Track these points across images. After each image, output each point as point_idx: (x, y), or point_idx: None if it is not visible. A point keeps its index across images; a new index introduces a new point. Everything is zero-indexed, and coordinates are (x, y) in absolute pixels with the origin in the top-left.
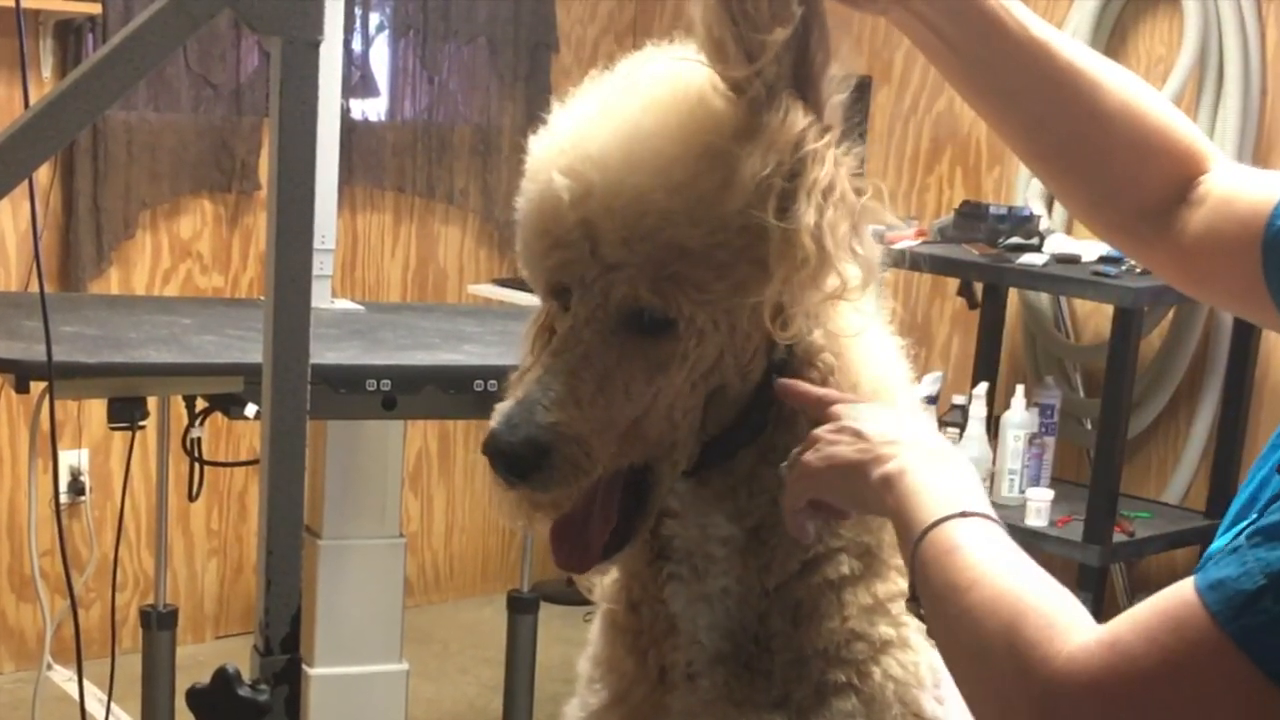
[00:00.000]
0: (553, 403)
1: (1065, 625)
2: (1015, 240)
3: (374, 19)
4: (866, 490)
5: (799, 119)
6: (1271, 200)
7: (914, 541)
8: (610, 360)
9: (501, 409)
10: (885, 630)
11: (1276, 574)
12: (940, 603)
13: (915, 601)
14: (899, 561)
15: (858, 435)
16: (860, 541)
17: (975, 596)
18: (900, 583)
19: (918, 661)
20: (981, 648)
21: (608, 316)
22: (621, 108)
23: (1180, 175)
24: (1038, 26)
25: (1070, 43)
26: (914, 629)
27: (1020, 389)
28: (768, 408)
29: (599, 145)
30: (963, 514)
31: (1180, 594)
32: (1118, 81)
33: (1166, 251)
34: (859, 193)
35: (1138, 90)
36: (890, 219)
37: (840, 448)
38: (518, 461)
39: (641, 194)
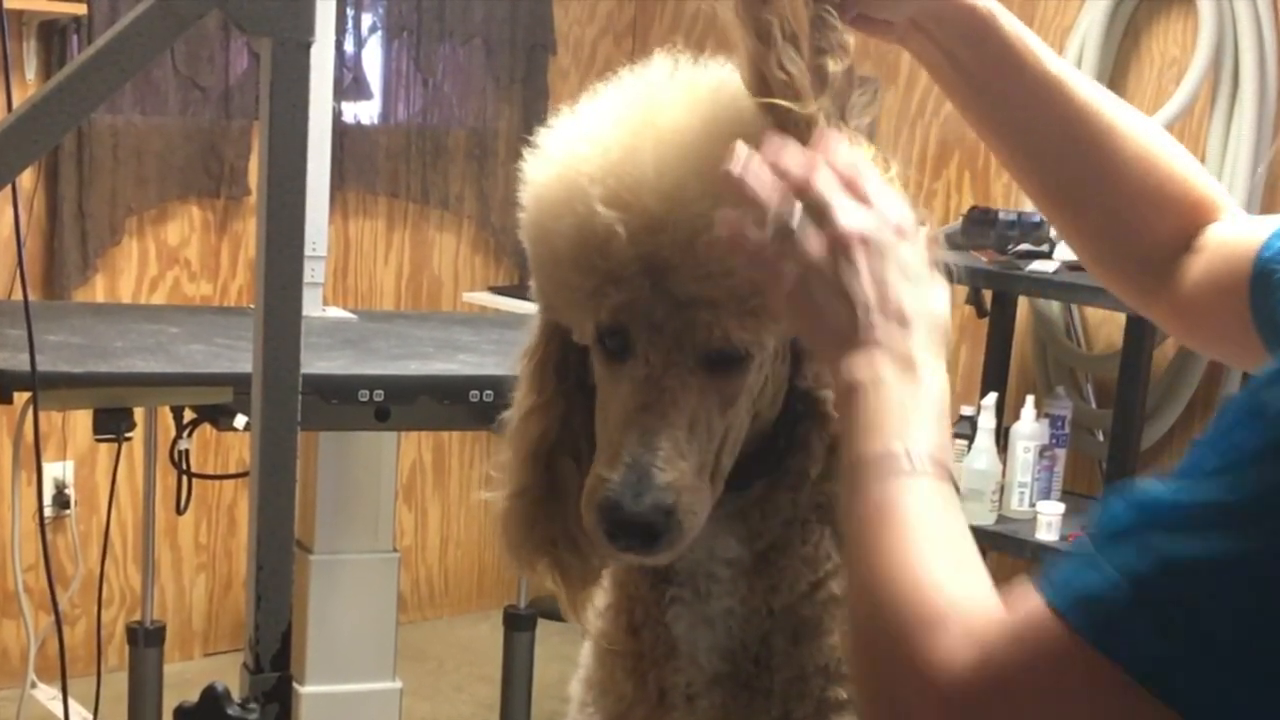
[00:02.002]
0: (664, 461)
1: (959, 621)
2: (1025, 247)
3: (367, 19)
4: (836, 351)
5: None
6: (1263, 238)
7: (853, 464)
8: (693, 401)
9: (607, 475)
10: None
11: (1136, 575)
12: (855, 561)
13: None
14: None
15: (879, 284)
16: None
17: (883, 574)
18: None
19: None
20: (877, 624)
21: (685, 359)
22: (669, 125)
23: (1191, 225)
24: (1055, 63)
25: (1087, 82)
26: None
27: (1030, 400)
28: (791, 431)
29: (655, 170)
30: (907, 453)
31: (1032, 606)
32: (1135, 126)
33: (1169, 302)
34: (920, 222)
35: (1155, 136)
36: (945, 254)
37: (834, 297)
38: (649, 529)
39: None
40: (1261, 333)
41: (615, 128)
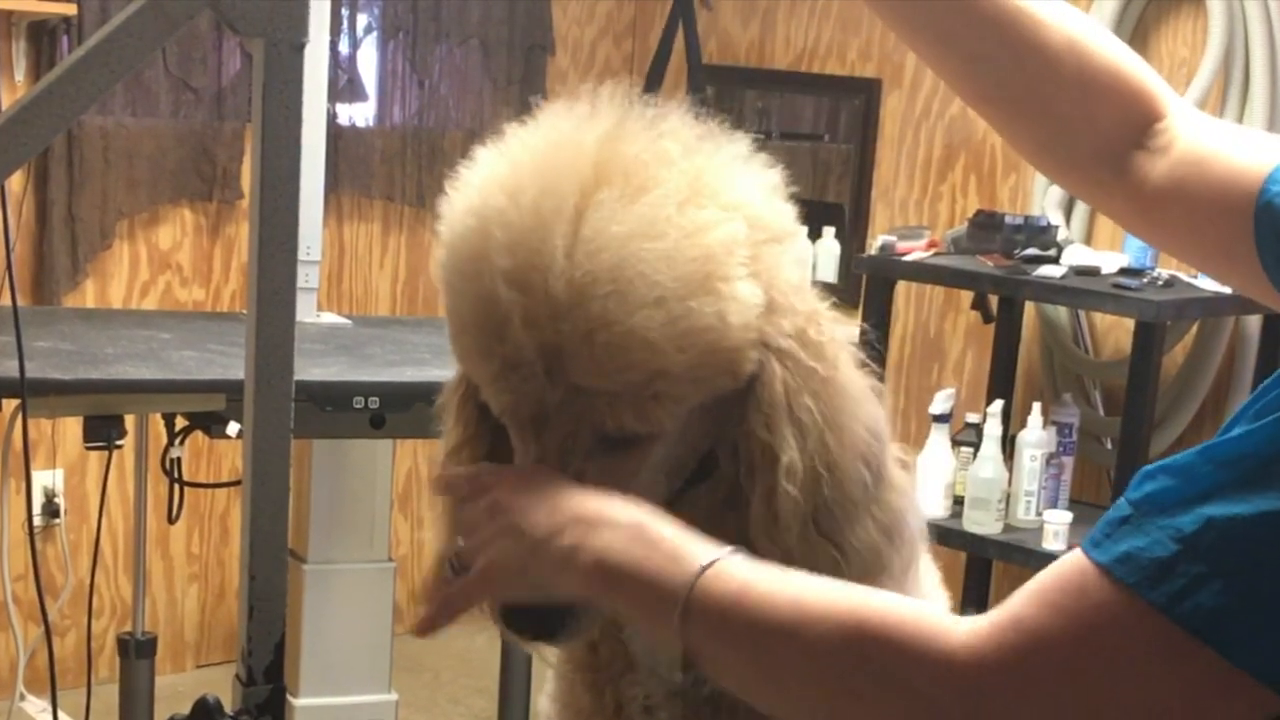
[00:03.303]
0: None
1: (932, 621)
2: (1032, 251)
3: (362, 20)
4: (568, 581)
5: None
6: (1251, 168)
7: (679, 604)
8: (589, 483)
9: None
10: None
11: (1185, 538)
12: (766, 654)
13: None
14: None
15: (517, 532)
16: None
17: (813, 633)
18: None
19: None
20: (853, 682)
21: (580, 444)
22: (582, 195)
23: (1135, 116)
24: None
25: None
26: None
27: (1037, 407)
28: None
29: (563, 250)
30: (713, 562)
31: (1076, 567)
32: (1063, 18)
33: (1125, 198)
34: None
35: (1084, 28)
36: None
37: (503, 550)
38: (546, 626)
39: (631, 328)
40: (1270, 272)
41: (525, 189)
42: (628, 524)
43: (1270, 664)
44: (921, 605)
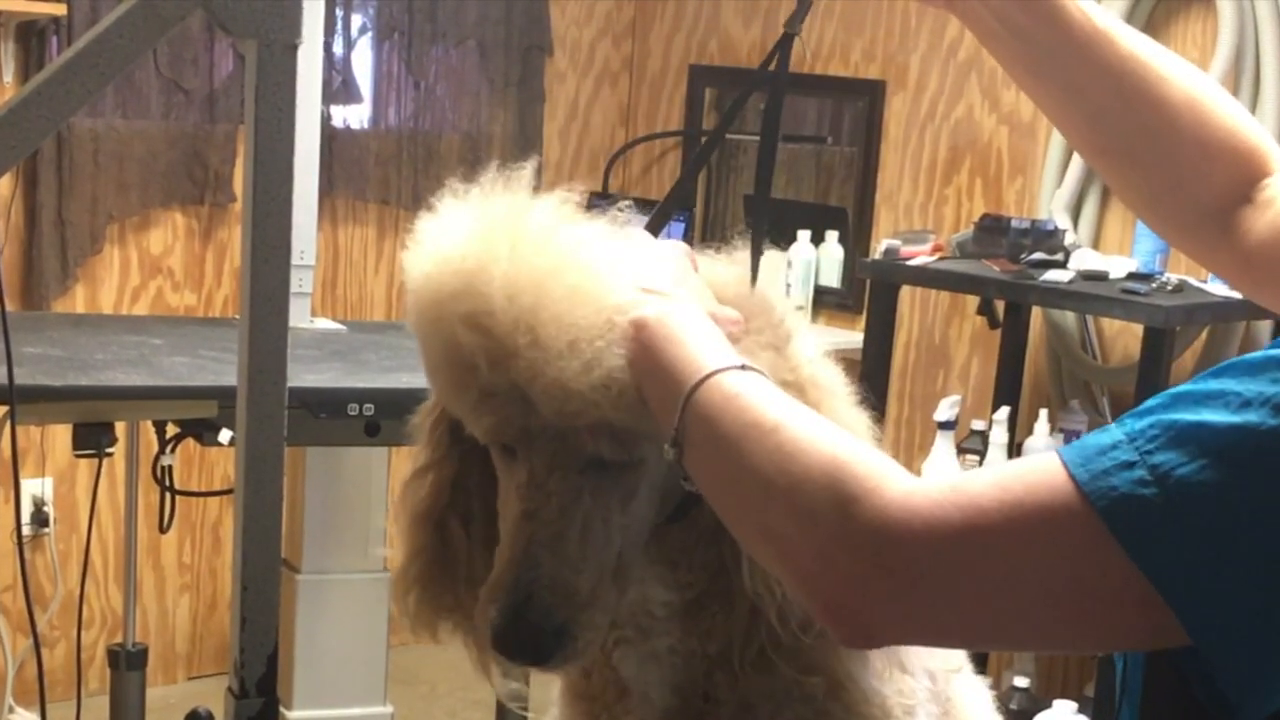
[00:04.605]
0: (551, 578)
1: (893, 469)
2: (1039, 256)
3: (356, 20)
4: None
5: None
6: None
7: (688, 389)
8: (585, 504)
9: (494, 596)
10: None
11: (1133, 433)
12: (736, 444)
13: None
14: None
15: None
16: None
17: (784, 436)
18: None
19: (885, 696)
20: (794, 488)
21: (571, 462)
22: (513, 235)
23: (1246, 174)
24: (1102, 17)
25: (1135, 34)
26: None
27: (1044, 414)
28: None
29: (501, 292)
30: (742, 366)
31: (1042, 455)
32: (1184, 76)
33: (1230, 253)
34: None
35: (1204, 86)
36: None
37: None
38: (539, 649)
39: (555, 379)
40: None
41: (477, 238)
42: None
43: (1169, 570)
44: (879, 453)
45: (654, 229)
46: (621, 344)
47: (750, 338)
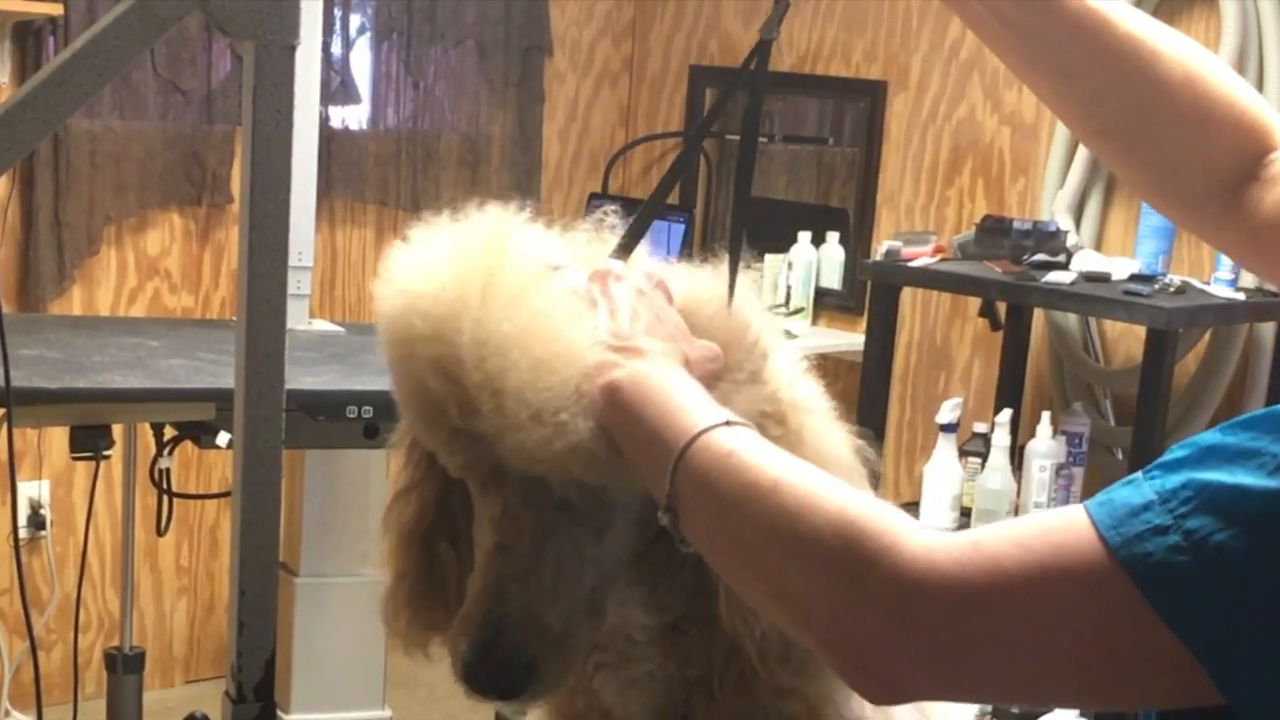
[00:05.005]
0: (522, 615)
1: (905, 524)
2: (1041, 257)
3: (355, 20)
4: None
5: None
6: None
7: (677, 452)
8: (560, 537)
9: (465, 629)
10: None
11: (1165, 494)
12: (737, 506)
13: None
14: None
15: None
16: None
17: (786, 495)
18: None
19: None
20: (804, 549)
21: (544, 499)
22: (486, 279)
23: (1250, 149)
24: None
25: (1129, 12)
26: None
27: (1046, 416)
28: None
29: (470, 341)
30: (727, 422)
31: (1066, 511)
32: (1180, 51)
33: (1237, 230)
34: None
35: (1201, 60)
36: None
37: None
38: (509, 685)
39: (520, 444)
40: None
41: (450, 279)
42: (660, 362)
43: (1205, 638)
44: (889, 507)
45: (630, 244)
46: (589, 413)
47: (730, 374)
